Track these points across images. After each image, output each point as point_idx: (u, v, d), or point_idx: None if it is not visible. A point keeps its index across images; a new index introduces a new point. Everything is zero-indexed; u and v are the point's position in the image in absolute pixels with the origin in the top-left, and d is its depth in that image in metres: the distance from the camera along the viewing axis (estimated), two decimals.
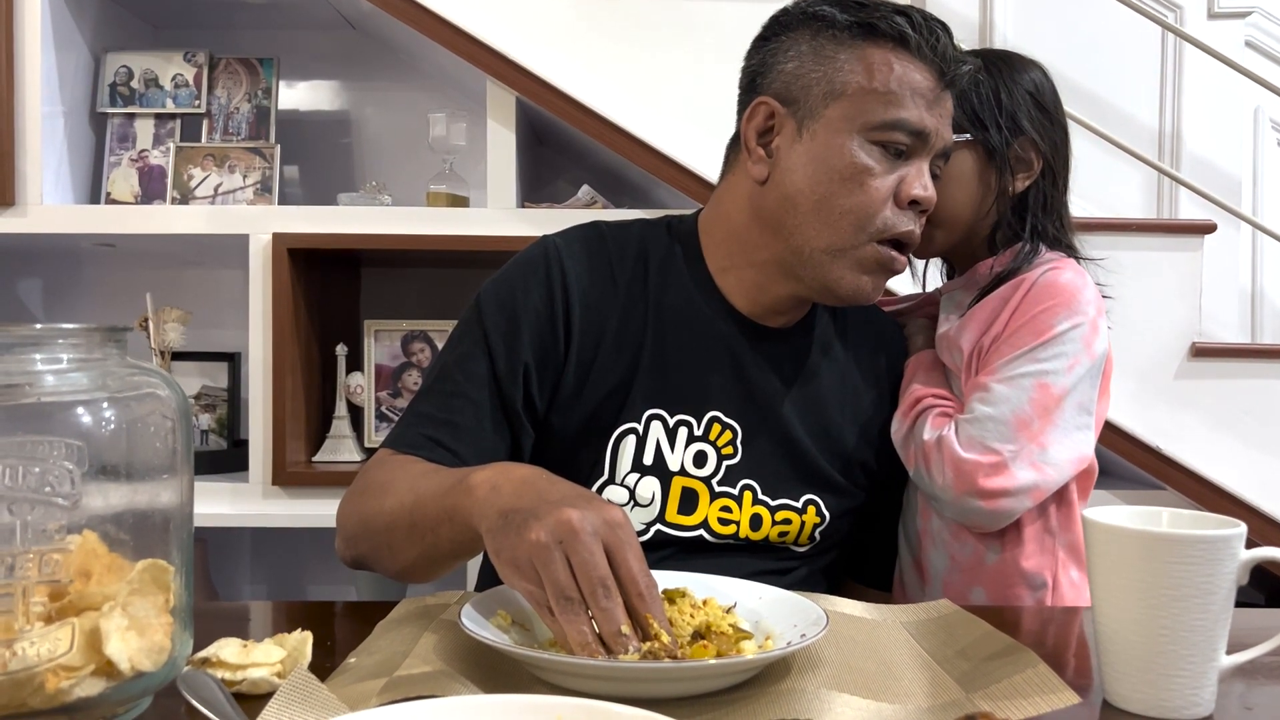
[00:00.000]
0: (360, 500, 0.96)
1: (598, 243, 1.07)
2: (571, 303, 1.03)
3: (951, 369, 1.14)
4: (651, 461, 1.03)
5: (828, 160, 0.98)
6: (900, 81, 0.97)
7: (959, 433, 1.04)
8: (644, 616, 0.69)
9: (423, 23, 1.87)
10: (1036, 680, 0.66)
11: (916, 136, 0.98)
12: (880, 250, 0.99)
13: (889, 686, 0.69)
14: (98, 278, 2.29)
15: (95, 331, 0.63)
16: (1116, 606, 0.67)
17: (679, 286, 1.07)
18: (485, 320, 1.03)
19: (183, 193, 2.01)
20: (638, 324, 1.05)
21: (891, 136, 0.97)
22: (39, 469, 0.58)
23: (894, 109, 0.97)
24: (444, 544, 0.85)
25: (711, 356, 1.06)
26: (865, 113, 0.97)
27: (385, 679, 0.67)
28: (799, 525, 1.07)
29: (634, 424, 1.03)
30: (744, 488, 1.05)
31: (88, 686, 0.58)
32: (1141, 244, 1.80)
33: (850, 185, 0.98)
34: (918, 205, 0.99)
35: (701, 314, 1.06)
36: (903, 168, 0.99)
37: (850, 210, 0.98)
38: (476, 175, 2.02)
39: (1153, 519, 0.72)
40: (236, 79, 2.09)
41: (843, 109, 0.98)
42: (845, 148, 0.98)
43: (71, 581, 0.59)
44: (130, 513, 0.63)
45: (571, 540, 0.69)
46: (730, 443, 1.05)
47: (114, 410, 0.62)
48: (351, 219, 1.88)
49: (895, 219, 0.98)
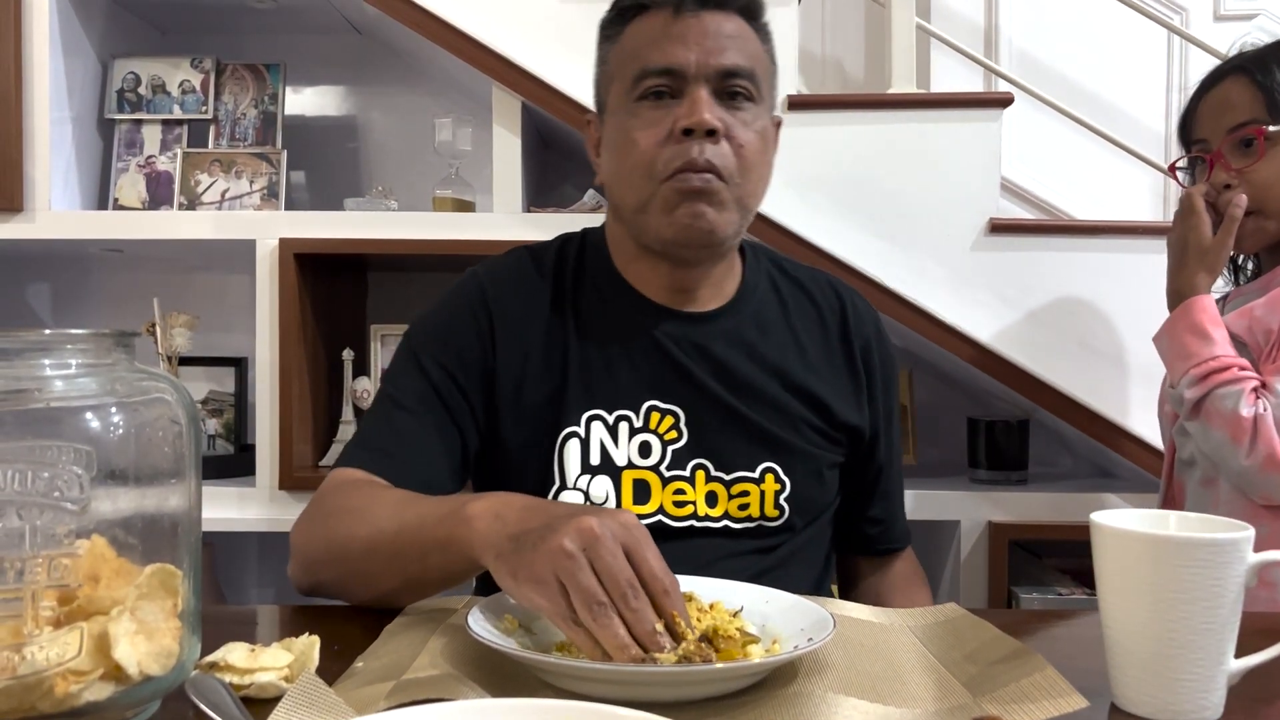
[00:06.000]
0: (327, 525, 0.95)
1: (517, 265, 1.13)
2: (495, 323, 1.09)
3: (1250, 345, 1.20)
4: (599, 461, 1.06)
5: (613, 139, 1.07)
6: (641, 37, 1.04)
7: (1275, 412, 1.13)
8: (670, 614, 0.70)
9: (428, 28, 1.87)
10: (1044, 684, 0.66)
11: (667, 74, 1.02)
12: (671, 185, 1.01)
13: (896, 690, 0.69)
14: (105, 283, 2.30)
15: (104, 337, 0.64)
16: (1124, 610, 0.67)
17: (593, 288, 1.12)
18: (415, 345, 1.10)
19: (190, 198, 2.01)
20: (561, 333, 1.09)
21: (642, 87, 1.03)
22: (48, 474, 0.58)
23: (637, 63, 1.03)
24: (431, 573, 0.86)
25: (636, 348, 1.09)
26: (625, 82, 1.05)
27: (393, 683, 0.67)
28: (759, 496, 1.07)
29: (575, 427, 1.06)
30: (695, 468, 1.07)
31: (96, 691, 0.59)
32: (1144, 246, 1.80)
33: (628, 147, 1.03)
34: (693, 133, 1.00)
35: (617, 310, 1.11)
36: (677, 106, 1.02)
37: (634, 167, 1.03)
38: (482, 180, 2.02)
39: (1160, 522, 0.72)
40: (243, 85, 2.09)
41: (615, 93, 1.07)
42: (619, 121, 1.05)
43: (80, 586, 0.59)
44: (139, 517, 0.63)
45: (595, 546, 0.69)
46: (673, 427, 1.07)
47: (123, 415, 0.62)
48: (358, 224, 1.88)
49: (674, 153, 1.01)
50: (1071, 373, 1.81)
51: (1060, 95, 2.06)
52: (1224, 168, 1.33)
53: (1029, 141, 2.33)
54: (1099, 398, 1.80)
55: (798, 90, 1.87)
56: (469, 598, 0.93)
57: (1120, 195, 2.40)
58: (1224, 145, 1.34)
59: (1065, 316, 1.82)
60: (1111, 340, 1.81)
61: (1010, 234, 1.82)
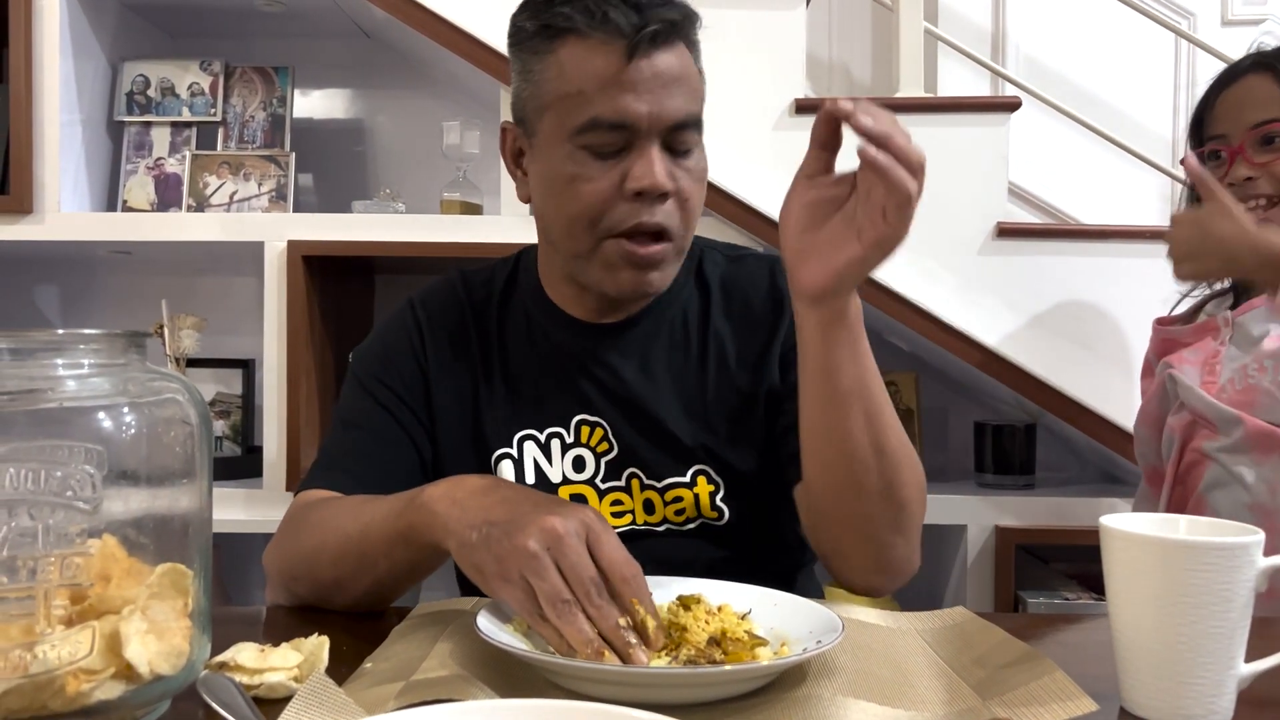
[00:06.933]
0: (296, 542, 0.96)
1: (450, 293, 1.13)
2: (427, 350, 1.09)
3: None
4: (533, 480, 1.05)
5: (547, 175, 0.99)
6: (585, 74, 0.94)
7: None
8: (629, 601, 0.72)
9: (437, 31, 1.87)
10: (1054, 687, 0.66)
11: (618, 130, 0.94)
12: (619, 245, 0.97)
13: (905, 693, 0.69)
14: (114, 285, 2.31)
15: (117, 337, 0.64)
16: (1134, 614, 0.67)
17: (519, 308, 1.11)
18: (358, 372, 1.10)
19: (198, 200, 2.02)
20: (487, 356, 1.09)
21: (589, 140, 0.95)
22: (60, 473, 0.58)
23: (585, 108, 0.94)
24: (400, 567, 0.88)
25: (558, 366, 1.08)
26: (565, 119, 0.95)
27: (402, 683, 0.67)
28: (693, 499, 1.04)
29: (507, 449, 1.06)
30: (629, 477, 1.06)
31: (107, 690, 0.59)
32: (1151, 250, 1.80)
33: (568, 194, 0.97)
34: (644, 196, 0.95)
35: (539, 329, 1.10)
36: (625, 160, 0.95)
37: (576, 217, 0.97)
38: (490, 183, 2.02)
39: (1170, 526, 0.72)
40: (252, 87, 2.10)
41: (550, 121, 0.97)
42: (556, 159, 0.97)
43: (92, 585, 0.59)
44: (150, 517, 0.63)
45: (559, 545, 0.72)
46: (604, 439, 1.06)
47: (134, 415, 0.62)
48: (366, 226, 1.88)
49: (625, 214, 0.95)
50: (1078, 377, 1.81)
51: (1067, 100, 2.06)
52: (1245, 161, 1.35)
53: (1036, 146, 2.33)
54: (1106, 402, 1.80)
55: (805, 94, 1.87)
56: (476, 599, 0.93)
57: (1127, 200, 2.39)
58: (1246, 140, 1.36)
59: (1072, 320, 1.82)
60: (1119, 344, 1.81)
61: (1017, 238, 1.83)
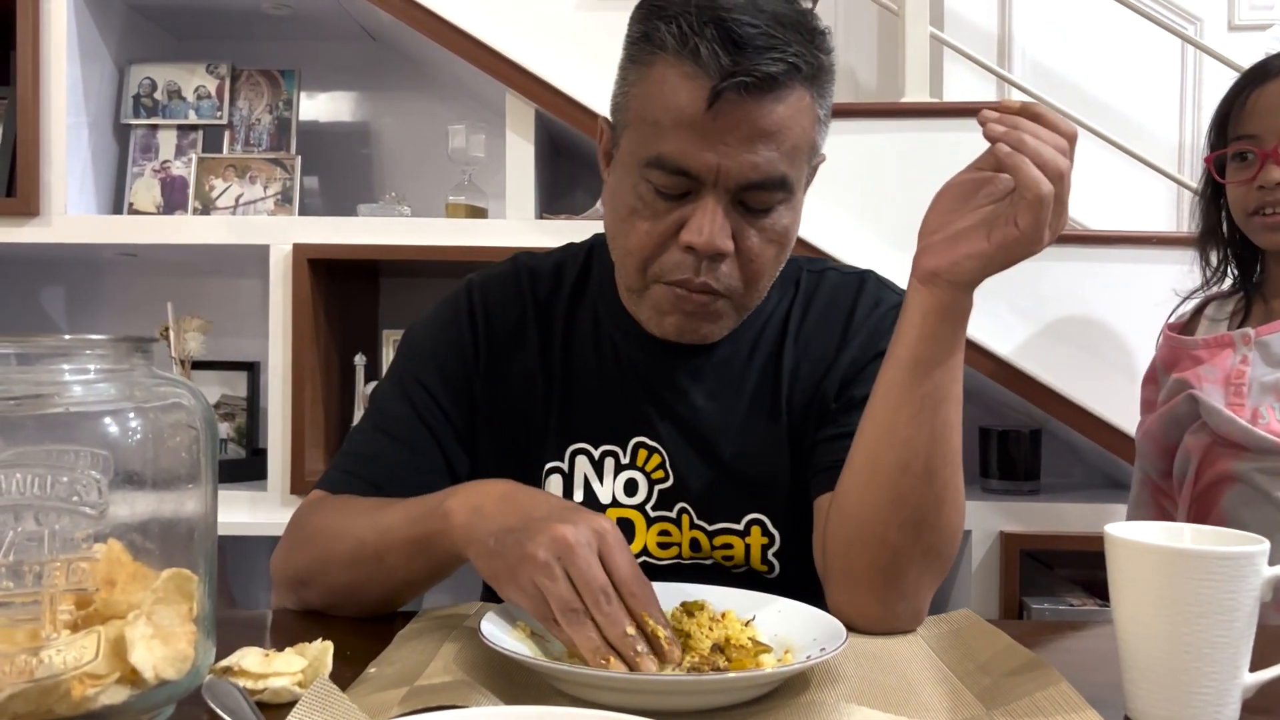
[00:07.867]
0: (308, 547, 0.93)
1: (513, 280, 1.05)
2: (480, 343, 1.02)
3: None
4: (582, 498, 1.00)
5: (614, 197, 0.93)
6: (665, 105, 0.85)
7: None
8: (640, 614, 0.72)
9: (443, 35, 1.88)
10: (1058, 698, 0.66)
11: (682, 175, 0.86)
12: (668, 291, 0.91)
13: (909, 701, 0.69)
14: (119, 287, 2.31)
15: (122, 342, 0.64)
16: (1139, 623, 0.67)
17: (588, 310, 1.04)
18: (403, 360, 1.04)
19: (204, 203, 2.02)
20: (548, 359, 1.02)
21: (653, 176, 0.87)
22: (66, 478, 0.58)
23: (656, 141, 0.86)
24: (418, 574, 0.87)
25: (624, 381, 1.01)
26: (639, 146, 0.88)
27: (406, 689, 0.67)
28: (744, 549, 0.99)
29: (558, 462, 1.01)
30: (680, 511, 1.00)
31: (112, 694, 0.59)
32: (1158, 256, 1.80)
33: (626, 225, 0.91)
34: (696, 251, 0.87)
35: (608, 337, 1.02)
36: (687, 206, 0.88)
37: (629, 252, 0.92)
38: (495, 186, 2.03)
39: (1175, 535, 0.71)
40: (258, 90, 2.11)
41: (628, 140, 0.90)
42: (624, 183, 0.91)
43: (97, 590, 0.59)
44: (155, 522, 0.63)
45: (569, 555, 0.71)
46: (660, 466, 1.00)
47: (140, 420, 0.63)
48: (371, 229, 1.89)
49: (675, 264, 0.89)
50: (1085, 383, 1.80)
51: (1073, 105, 2.06)
52: (1278, 164, 1.33)
53: None
54: (1112, 408, 1.79)
55: None
56: (479, 604, 0.93)
57: (1133, 206, 2.39)
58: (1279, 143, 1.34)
59: (1078, 327, 1.82)
60: (1125, 351, 1.81)
61: None
